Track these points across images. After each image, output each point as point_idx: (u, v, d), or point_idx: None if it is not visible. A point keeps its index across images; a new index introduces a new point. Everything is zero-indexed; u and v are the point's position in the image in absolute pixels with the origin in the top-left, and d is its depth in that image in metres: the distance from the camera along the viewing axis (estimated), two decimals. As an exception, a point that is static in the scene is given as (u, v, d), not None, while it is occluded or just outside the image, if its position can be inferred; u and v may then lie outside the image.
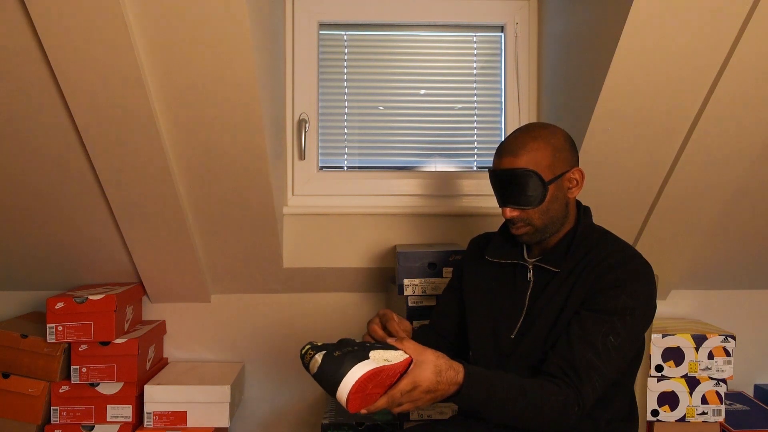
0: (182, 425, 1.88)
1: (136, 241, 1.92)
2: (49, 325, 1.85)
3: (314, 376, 1.13)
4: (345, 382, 1.09)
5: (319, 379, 1.12)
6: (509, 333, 1.35)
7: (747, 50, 1.56)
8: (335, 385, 1.10)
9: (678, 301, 2.27)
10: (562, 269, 1.32)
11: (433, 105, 2.20)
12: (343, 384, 1.09)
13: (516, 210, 1.32)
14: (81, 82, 1.52)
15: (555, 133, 1.33)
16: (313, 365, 1.12)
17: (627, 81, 1.63)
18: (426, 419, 1.86)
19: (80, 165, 1.73)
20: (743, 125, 1.72)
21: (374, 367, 1.11)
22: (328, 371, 1.11)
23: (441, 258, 1.83)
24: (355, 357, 1.12)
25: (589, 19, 1.73)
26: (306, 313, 2.20)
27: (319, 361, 1.12)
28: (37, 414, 1.87)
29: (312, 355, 1.14)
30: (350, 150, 2.20)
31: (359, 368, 1.10)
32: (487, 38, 2.20)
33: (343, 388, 1.09)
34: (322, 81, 2.14)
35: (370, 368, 1.10)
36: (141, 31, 1.47)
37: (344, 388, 1.09)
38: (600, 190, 1.86)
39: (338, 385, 1.09)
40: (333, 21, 2.13)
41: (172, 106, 1.61)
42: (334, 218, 2.09)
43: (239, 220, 1.89)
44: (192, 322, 2.19)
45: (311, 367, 1.13)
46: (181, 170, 1.76)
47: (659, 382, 1.97)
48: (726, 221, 2.01)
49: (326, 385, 1.12)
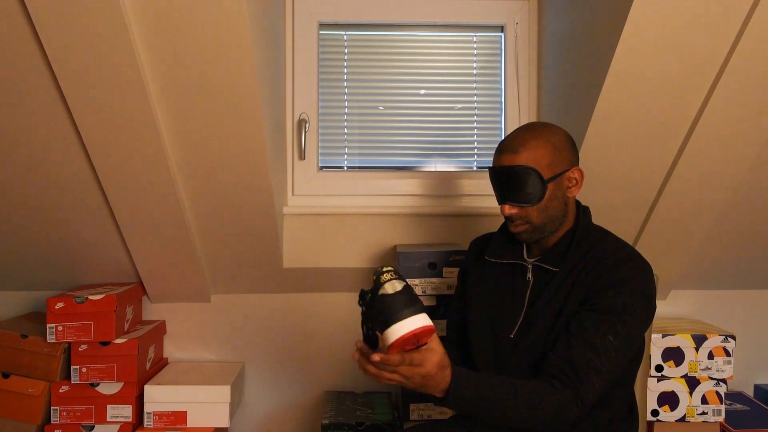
0: (182, 425, 1.88)
1: (136, 241, 1.92)
2: (49, 325, 1.85)
3: (380, 297, 1.07)
4: (409, 321, 1.05)
5: (384, 302, 1.06)
6: (509, 332, 1.35)
7: (747, 50, 1.56)
8: (396, 319, 1.05)
9: (678, 301, 2.27)
10: (562, 269, 1.32)
11: (433, 105, 2.20)
12: (406, 323, 1.05)
13: (515, 207, 1.32)
14: (81, 83, 1.52)
15: (555, 132, 1.34)
16: (390, 287, 1.07)
17: (627, 81, 1.64)
18: (426, 419, 1.86)
19: (80, 165, 1.73)
20: (743, 125, 1.72)
21: (430, 324, 1.08)
22: (401, 301, 1.06)
23: (441, 258, 1.83)
24: (423, 307, 1.09)
25: (589, 19, 1.73)
26: (306, 313, 2.20)
27: (398, 288, 1.07)
28: (37, 414, 1.87)
29: (394, 277, 1.08)
30: (350, 150, 2.20)
31: (424, 318, 1.07)
32: (487, 38, 2.20)
33: (402, 326, 1.05)
34: (322, 81, 2.15)
35: (428, 324, 1.07)
36: (141, 31, 1.47)
37: (404, 327, 1.05)
38: (600, 189, 1.86)
39: (400, 320, 1.05)
40: (333, 21, 2.13)
41: (172, 106, 1.61)
42: (334, 218, 2.09)
43: (239, 220, 1.89)
44: (192, 322, 2.19)
45: (387, 287, 1.07)
46: (181, 170, 1.76)
47: (659, 382, 1.96)
48: (726, 221, 2.01)
49: (386, 313, 1.06)
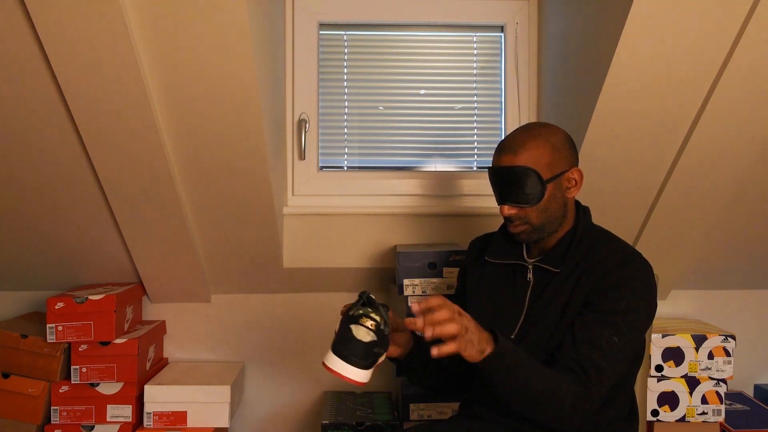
0: (182, 425, 1.88)
1: (136, 241, 1.92)
2: (49, 325, 1.85)
3: (347, 322, 1.11)
4: (348, 367, 1.09)
5: (348, 336, 1.10)
6: (509, 333, 1.35)
7: (747, 50, 1.56)
8: (343, 356, 1.09)
9: (678, 301, 2.27)
10: (562, 270, 1.32)
11: (433, 105, 2.20)
12: (345, 366, 1.09)
13: (514, 208, 1.32)
14: (81, 84, 1.52)
15: (555, 132, 1.34)
16: (363, 329, 1.10)
17: (627, 81, 1.63)
18: (426, 419, 1.86)
19: (80, 165, 1.73)
20: (743, 125, 1.72)
21: (361, 382, 1.11)
22: (360, 348, 1.10)
23: (441, 258, 1.83)
24: (375, 358, 1.13)
25: (589, 19, 1.73)
26: (306, 313, 2.20)
27: (371, 332, 1.10)
28: (37, 414, 1.87)
29: (371, 319, 1.11)
30: (350, 150, 2.20)
31: (360, 374, 1.11)
32: (487, 38, 2.20)
33: (340, 365, 1.09)
34: (322, 81, 2.14)
35: (360, 382, 1.11)
36: (141, 31, 1.47)
37: (341, 367, 1.09)
38: (600, 189, 1.85)
39: (344, 359, 1.09)
40: (333, 21, 2.13)
41: (172, 106, 1.61)
42: (334, 218, 2.08)
43: (239, 220, 1.89)
44: (192, 322, 2.19)
45: (362, 322, 1.10)
46: (181, 170, 1.76)
47: (659, 382, 1.96)
48: (726, 221, 2.01)
49: (342, 344, 1.10)
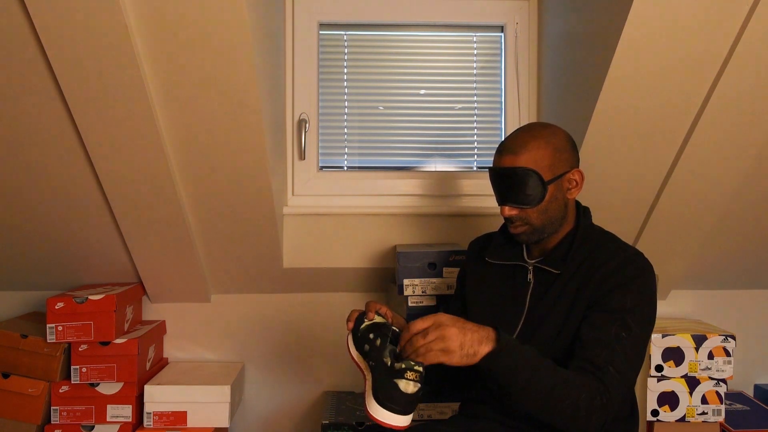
0: (182, 425, 1.88)
1: (136, 241, 1.92)
2: (49, 325, 1.85)
3: (391, 376, 1.12)
4: (401, 417, 1.12)
5: (394, 391, 1.11)
6: (510, 334, 1.35)
7: (747, 50, 1.56)
8: (386, 405, 1.12)
9: (678, 301, 2.27)
10: (563, 271, 1.32)
11: (433, 105, 2.20)
12: (387, 413, 1.12)
13: (515, 209, 1.32)
14: (82, 84, 1.51)
15: (556, 133, 1.34)
16: (412, 384, 1.11)
17: (627, 81, 1.63)
18: (426, 419, 1.86)
19: (81, 165, 1.73)
20: (743, 125, 1.72)
21: (402, 426, 1.13)
22: (404, 399, 1.12)
23: (441, 258, 1.83)
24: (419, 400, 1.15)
25: (589, 19, 1.73)
26: (306, 313, 2.20)
27: (416, 383, 1.11)
28: (37, 414, 1.87)
29: (415, 371, 1.11)
30: (350, 150, 2.20)
31: (400, 420, 1.12)
32: (487, 38, 2.20)
33: (382, 413, 1.12)
34: (322, 81, 2.14)
35: (401, 426, 1.12)
36: (141, 31, 1.47)
37: (383, 415, 1.12)
38: (600, 190, 1.86)
39: (385, 408, 1.12)
40: (333, 21, 2.13)
41: (172, 106, 1.61)
42: (334, 218, 2.08)
43: (239, 220, 1.89)
44: (192, 322, 2.19)
45: (407, 376, 1.11)
46: (181, 170, 1.76)
47: (659, 382, 1.96)
48: (726, 221, 2.01)
49: (390, 399, 1.11)
